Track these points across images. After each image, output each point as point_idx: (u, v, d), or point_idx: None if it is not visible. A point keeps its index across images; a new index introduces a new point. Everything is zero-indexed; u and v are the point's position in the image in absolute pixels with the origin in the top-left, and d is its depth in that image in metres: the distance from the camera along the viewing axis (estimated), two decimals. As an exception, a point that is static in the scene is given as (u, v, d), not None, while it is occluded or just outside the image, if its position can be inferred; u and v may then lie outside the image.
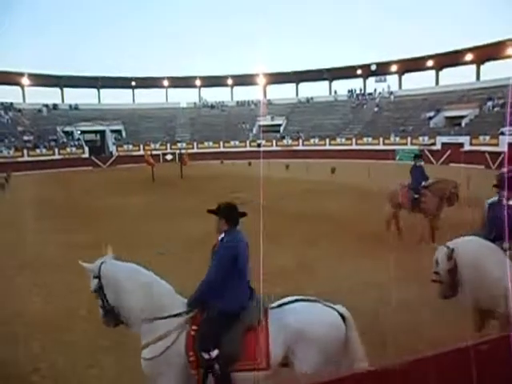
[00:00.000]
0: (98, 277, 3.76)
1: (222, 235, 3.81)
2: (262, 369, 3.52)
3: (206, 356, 3.52)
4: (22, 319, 6.24)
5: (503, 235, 4.90)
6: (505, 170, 10.44)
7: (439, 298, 4.87)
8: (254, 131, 46.39)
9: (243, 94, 56.61)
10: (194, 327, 3.63)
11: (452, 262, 4.64)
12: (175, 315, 3.65)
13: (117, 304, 3.75)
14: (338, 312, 3.70)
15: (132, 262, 3.98)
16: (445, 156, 32.53)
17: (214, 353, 3.52)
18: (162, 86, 51.17)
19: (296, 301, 3.80)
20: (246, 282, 3.84)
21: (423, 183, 10.28)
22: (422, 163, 10.82)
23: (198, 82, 51.72)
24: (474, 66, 40.31)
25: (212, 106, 51.37)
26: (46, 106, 45.59)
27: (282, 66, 75.45)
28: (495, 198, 5.32)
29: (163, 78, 50.34)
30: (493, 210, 5.25)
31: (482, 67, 39.98)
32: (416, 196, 10.20)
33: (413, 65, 43.88)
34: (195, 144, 44.38)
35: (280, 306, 3.79)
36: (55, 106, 46.20)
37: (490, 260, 4.64)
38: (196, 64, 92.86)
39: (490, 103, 34.87)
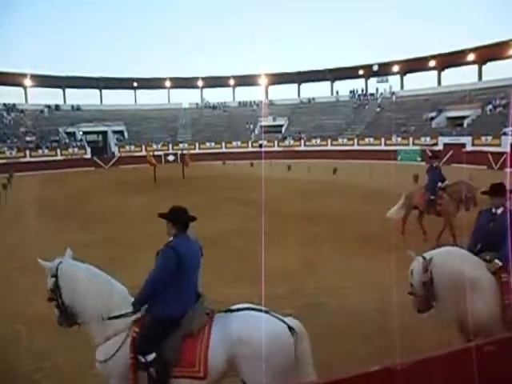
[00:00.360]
0: (56, 276, 3.77)
1: (170, 238, 3.73)
2: (199, 377, 3.41)
3: (141, 359, 3.47)
4: (25, 319, 6.25)
5: (488, 247, 4.60)
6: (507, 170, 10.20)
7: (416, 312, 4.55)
8: (256, 132, 46.40)
9: (245, 94, 56.68)
10: (136, 329, 3.58)
11: (428, 273, 4.33)
12: (120, 316, 3.62)
13: (72, 304, 3.75)
14: (287, 324, 3.54)
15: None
16: (447, 156, 32.45)
17: (150, 357, 3.46)
18: (163, 87, 51.24)
19: (244, 309, 3.67)
20: (191, 288, 3.71)
21: (440, 184, 10.05)
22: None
23: (199, 83, 51.76)
24: (476, 67, 40.26)
25: (214, 107, 51.41)
26: (49, 106, 45.68)
27: (283, 66, 75.63)
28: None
29: (165, 79, 50.40)
30: (481, 218, 4.88)
31: (484, 67, 39.91)
32: (432, 197, 10.00)
33: (415, 65, 43.84)
34: (197, 145, 44.40)
35: (226, 313, 3.68)
36: (57, 107, 46.29)
37: (470, 273, 4.32)
38: (197, 64, 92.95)
39: (492, 103, 34.81)
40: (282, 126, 47.07)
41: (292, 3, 76.19)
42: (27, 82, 44.85)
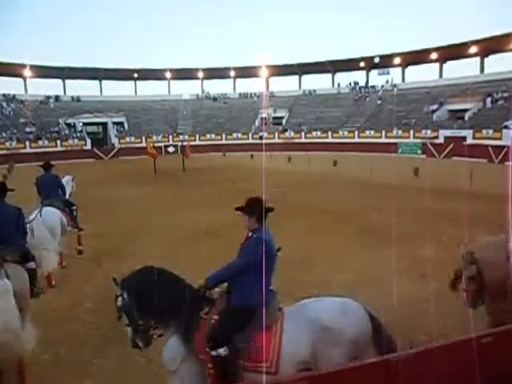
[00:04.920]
0: None
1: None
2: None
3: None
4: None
5: None
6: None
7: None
8: (257, 123, 46.29)
9: (246, 86, 56.38)
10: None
11: None
12: None
13: None
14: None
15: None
16: (447, 149, 32.42)
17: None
18: (164, 78, 51.02)
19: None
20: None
21: None
22: None
23: (200, 74, 51.54)
24: (478, 59, 40.05)
25: (214, 98, 51.21)
26: (49, 97, 45.51)
27: (284, 58, 75.15)
28: None
29: (165, 70, 50.12)
30: None
31: (486, 60, 39.70)
32: None
33: (416, 57, 43.58)
34: (197, 136, 44.33)
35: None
36: (57, 98, 46.11)
37: None
38: (197, 56, 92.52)
39: (493, 96, 34.67)
40: (282, 117, 46.95)
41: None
42: (27, 72, 44.62)
